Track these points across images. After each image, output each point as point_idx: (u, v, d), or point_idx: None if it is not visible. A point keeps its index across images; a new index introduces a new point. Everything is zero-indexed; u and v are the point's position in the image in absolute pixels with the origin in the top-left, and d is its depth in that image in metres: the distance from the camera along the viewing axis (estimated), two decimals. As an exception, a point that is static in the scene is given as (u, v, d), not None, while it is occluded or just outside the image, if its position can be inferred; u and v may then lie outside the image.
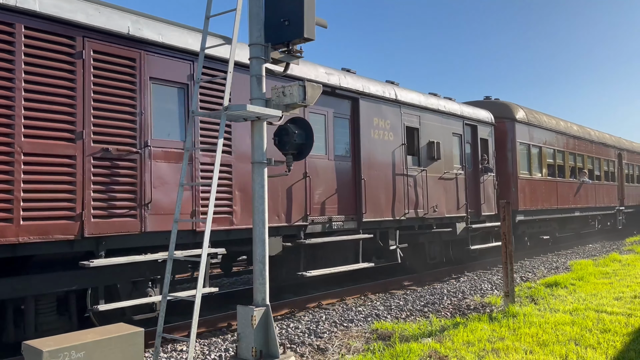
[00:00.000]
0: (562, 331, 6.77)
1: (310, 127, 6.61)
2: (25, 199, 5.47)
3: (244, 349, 5.39)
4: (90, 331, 4.62)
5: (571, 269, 13.17)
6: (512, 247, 8.32)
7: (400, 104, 11.06)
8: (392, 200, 10.60)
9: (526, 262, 15.30)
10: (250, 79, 5.72)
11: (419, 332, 6.99)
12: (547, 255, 17.23)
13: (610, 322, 7.21)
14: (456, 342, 6.39)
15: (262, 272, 5.55)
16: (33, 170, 5.55)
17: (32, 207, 5.52)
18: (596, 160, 21.42)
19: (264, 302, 5.52)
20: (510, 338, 6.51)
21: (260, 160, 5.64)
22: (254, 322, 5.31)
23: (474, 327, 7.05)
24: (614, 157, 23.66)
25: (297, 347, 6.66)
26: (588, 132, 21.32)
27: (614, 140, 24.21)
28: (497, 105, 16.09)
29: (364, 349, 6.39)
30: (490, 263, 14.55)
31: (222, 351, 6.62)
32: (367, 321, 8.09)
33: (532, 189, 15.87)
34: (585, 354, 5.83)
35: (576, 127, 20.19)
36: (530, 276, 12.64)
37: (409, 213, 11.03)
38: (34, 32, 5.62)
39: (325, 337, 7.15)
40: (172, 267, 5.47)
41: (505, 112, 15.57)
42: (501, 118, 15.27)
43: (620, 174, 24.33)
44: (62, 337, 4.46)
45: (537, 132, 16.67)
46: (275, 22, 5.75)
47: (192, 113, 5.82)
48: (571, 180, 18.61)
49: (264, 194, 5.64)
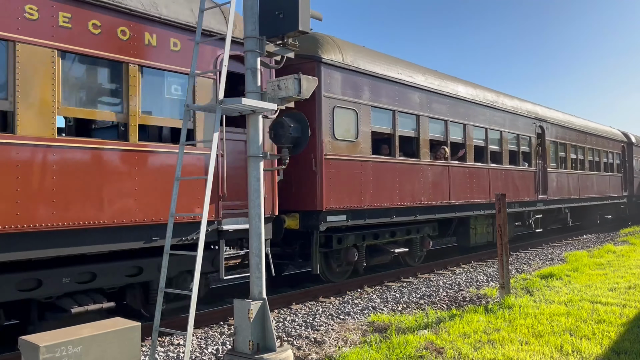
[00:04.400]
0: (557, 322, 6.82)
1: (306, 120, 6.57)
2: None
3: (241, 343, 5.39)
4: (87, 326, 4.61)
5: (566, 261, 13.25)
6: (507, 238, 8.35)
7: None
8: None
9: (521, 254, 15.37)
10: (245, 72, 5.69)
11: (415, 324, 7.03)
12: (541, 247, 17.31)
13: (605, 312, 7.27)
14: (452, 334, 6.43)
15: (258, 265, 5.55)
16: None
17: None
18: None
19: (260, 296, 5.52)
20: (506, 329, 6.55)
21: (256, 154, 5.62)
22: (250, 316, 5.32)
23: (470, 318, 7.09)
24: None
25: (294, 340, 6.68)
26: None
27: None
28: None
29: (360, 341, 6.42)
30: (486, 255, 14.62)
31: (219, 345, 6.64)
32: (363, 314, 8.12)
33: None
34: (580, 344, 5.88)
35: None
36: (526, 268, 12.71)
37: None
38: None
39: (322, 329, 7.17)
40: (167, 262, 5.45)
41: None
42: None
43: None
44: (59, 332, 4.45)
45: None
46: (270, 15, 5.71)
47: (187, 107, 5.79)
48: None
49: (260, 187, 5.62)
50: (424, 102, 11.85)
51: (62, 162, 5.88)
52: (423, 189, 11.56)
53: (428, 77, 12.29)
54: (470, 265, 13.51)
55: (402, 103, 11.20)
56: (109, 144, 6.36)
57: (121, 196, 6.37)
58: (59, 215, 5.79)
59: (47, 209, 5.71)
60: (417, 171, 11.45)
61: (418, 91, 11.70)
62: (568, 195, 18.79)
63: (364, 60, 10.42)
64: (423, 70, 12.39)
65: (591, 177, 21.00)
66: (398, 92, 11.13)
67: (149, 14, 6.73)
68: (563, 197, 18.36)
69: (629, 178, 25.38)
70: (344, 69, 9.84)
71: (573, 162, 19.57)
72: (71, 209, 5.90)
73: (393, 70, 11.15)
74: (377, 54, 11.18)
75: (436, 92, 12.27)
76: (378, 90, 10.62)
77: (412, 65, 12.20)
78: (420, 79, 11.90)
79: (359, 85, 10.17)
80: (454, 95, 12.99)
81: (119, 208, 6.33)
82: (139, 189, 6.53)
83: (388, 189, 10.59)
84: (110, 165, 6.31)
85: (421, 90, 11.80)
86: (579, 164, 20.06)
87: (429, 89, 12.04)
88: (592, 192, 20.92)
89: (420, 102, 11.75)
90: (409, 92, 11.43)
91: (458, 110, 13.10)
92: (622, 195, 24.38)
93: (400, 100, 11.17)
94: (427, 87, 11.99)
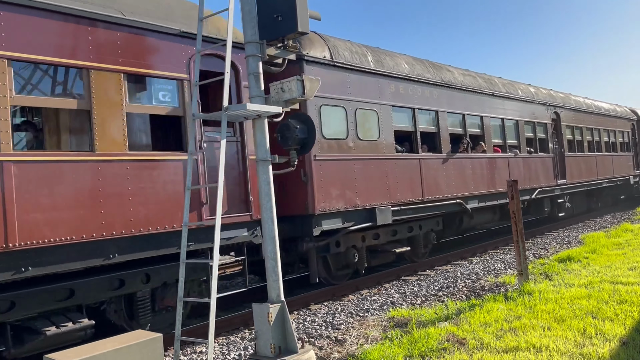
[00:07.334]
0: (578, 305, 6.76)
1: (312, 121, 6.59)
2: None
3: (263, 346, 5.41)
4: (110, 340, 4.65)
5: (583, 243, 13.14)
6: (522, 225, 8.29)
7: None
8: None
9: (538, 239, 15.26)
10: (248, 77, 5.71)
11: (435, 316, 7.01)
12: (558, 230, 17.18)
13: (626, 292, 7.19)
14: (473, 324, 6.40)
15: (274, 268, 5.57)
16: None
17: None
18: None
19: (278, 299, 5.53)
20: (527, 316, 6.51)
21: (264, 158, 5.63)
22: (270, 319, 5.33)
23: (490, 307, 7.06)
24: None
25: (315, 340, 6.69)
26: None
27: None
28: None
29: (381, 338, 6.41)
30: (501, 242, 14.54)
31: (241, 350, 6.67)
32: (382, 310, 8.11)
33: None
34: (603, 326, 5.82)
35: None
36: (543, 252, 12.62)
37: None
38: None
39: (343, 328, 7.18)
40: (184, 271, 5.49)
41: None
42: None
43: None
44: (83, 348, 4.50)
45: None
46: (269, 18, 5.73)
47: (192, 116, 5.82)
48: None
49: (271, 191, 5.64)
50: (420, 95, 11.54)
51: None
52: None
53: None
54: (486, 254, 13.43)
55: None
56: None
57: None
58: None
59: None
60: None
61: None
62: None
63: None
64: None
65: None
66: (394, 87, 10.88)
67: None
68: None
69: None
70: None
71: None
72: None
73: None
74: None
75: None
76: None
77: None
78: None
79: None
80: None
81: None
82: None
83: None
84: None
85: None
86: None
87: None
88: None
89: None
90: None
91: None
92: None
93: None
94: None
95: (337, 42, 10.01)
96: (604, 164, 20.65)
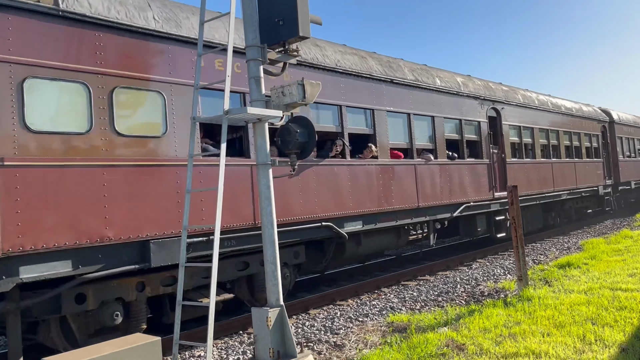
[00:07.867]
0: (578, 311, 6.75)
1: (312, 125, 6.59)
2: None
3: (262, 351, 5.40)
4: (108, 343, 4.65)
5: (583, 249, 13.13)
6: (522, 230, 8.29)
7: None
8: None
9: (537, 245, 15.26)
10: (249, 81, 5.72)
11: (434, 322, 7.00)
12: (557, 236, 17.16)
13: (625, 299, 7.18)
14: (473, 330, 6.39)
15: (274, 272, 5.56)
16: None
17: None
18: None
19: (278, 303, 5.53)
20: (527, 322, 6.50)
21: (265, 162, 5.64)
22: (269, 323, 5.33)
23: (490, 313, 7.05)
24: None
25: (314, 344, 6.68)
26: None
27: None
28: None
29: (381, 343, 6.40)
30: (501, 248, 14.53)
31: (240, 354, 6.65)
32: (382, 314, 8.10)
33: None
34: (602, 332, 5.81)
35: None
36: (542, 258, 12.61)
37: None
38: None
39: (342, 333, 7.16)
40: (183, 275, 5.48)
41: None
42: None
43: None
44: (82, 351, 4.49)
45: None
46: (270, 22, 5.74)
47: (193, 119, 5.82)
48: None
49: (271, 195, 5.64)
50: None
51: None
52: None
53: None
54: (486, 259, 13.43)
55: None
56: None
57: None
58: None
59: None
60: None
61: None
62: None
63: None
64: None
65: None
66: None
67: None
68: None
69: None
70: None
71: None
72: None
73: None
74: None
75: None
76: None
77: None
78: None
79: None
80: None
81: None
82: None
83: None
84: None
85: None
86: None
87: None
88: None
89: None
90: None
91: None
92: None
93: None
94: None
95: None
96: (563, 172, 17.35)
